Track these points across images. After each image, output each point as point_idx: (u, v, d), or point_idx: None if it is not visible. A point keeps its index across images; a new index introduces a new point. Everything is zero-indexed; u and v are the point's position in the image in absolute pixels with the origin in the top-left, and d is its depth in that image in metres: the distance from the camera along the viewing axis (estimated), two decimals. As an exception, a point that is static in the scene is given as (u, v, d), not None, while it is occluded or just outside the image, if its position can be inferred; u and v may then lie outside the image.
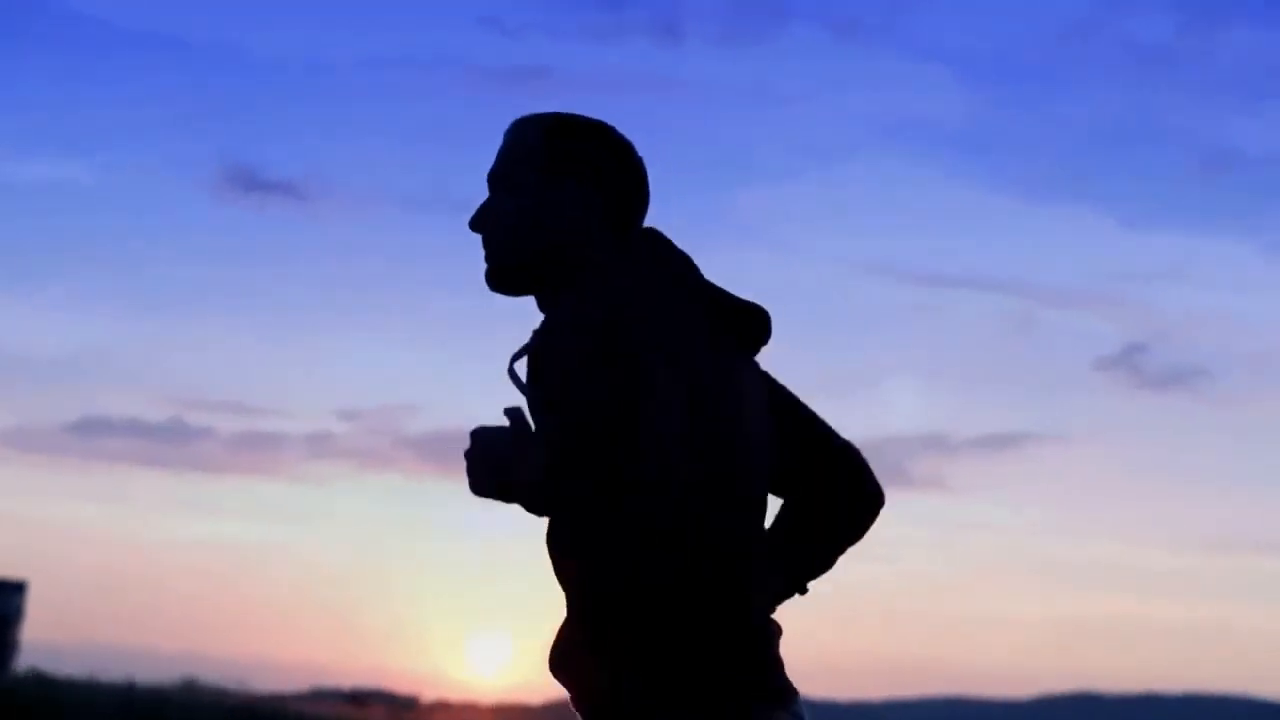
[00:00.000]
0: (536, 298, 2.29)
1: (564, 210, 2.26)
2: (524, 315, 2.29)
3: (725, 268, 2.31)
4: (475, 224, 2.31)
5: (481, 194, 2.34)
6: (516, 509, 2.16)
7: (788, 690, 2.18)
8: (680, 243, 2.32)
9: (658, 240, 2.29)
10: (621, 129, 2.34)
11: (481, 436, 2.15)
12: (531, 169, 2.28)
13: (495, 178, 2.32)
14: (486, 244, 2.31)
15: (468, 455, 2.16)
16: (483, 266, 2.31)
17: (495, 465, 2.13)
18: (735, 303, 2.28)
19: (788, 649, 2.21)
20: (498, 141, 2.34)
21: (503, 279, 2.30)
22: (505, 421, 2.16)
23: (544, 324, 2.13)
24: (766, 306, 2.31)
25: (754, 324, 2.29)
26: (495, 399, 2.18)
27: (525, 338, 2.14)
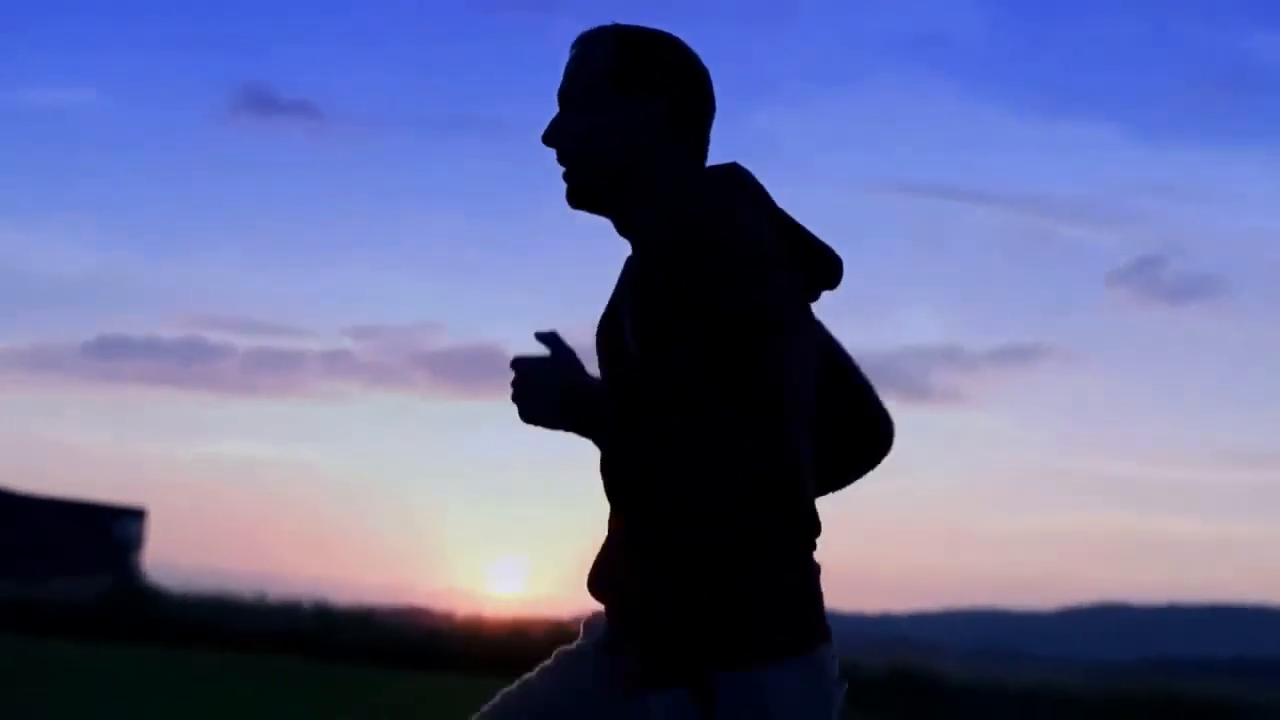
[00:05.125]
0: (614, 217, 2.28)
1: (640, 124, 2.24)
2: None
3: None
4: (549, 139, 2.29)
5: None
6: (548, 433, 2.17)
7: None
8: None
9: (741, 170, 2.26)
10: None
11: (531, 365, 2.16)
12: (605, 83, 2.26)
13: (567, 93, 2.29)
14: (564, 160, 2.28)
15: (519, 385, 2.16)
16: (549, 182, 2.29)
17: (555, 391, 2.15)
18: (812, 241, 2.25)
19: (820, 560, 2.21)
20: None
21: (586, 196, 2.27)
22: (541, 348, 2.18)
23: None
24: None
25: (826, 266, 2.26)
26: (511, 318, 2.17)
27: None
